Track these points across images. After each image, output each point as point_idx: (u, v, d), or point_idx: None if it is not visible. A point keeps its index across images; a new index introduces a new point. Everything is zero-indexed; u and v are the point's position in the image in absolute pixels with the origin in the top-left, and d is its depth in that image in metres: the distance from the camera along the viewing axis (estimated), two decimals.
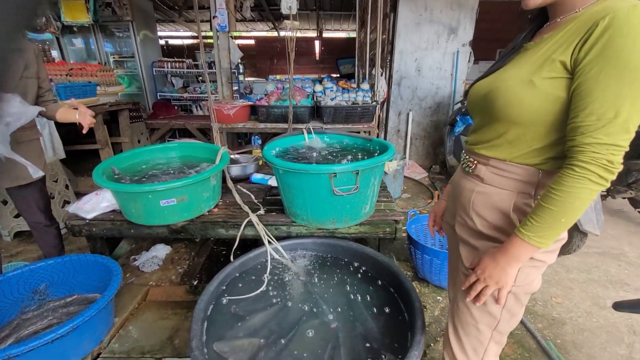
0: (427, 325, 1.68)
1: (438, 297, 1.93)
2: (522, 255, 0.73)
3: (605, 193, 2.74)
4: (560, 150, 0.72)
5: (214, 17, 3.54)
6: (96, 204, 1.72)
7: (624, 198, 2.72)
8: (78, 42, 5.37)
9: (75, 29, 5.04)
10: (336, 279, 1.39)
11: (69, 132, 4.04)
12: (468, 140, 0.92)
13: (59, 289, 1.61)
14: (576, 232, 2.14)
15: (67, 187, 2.72)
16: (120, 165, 1.84)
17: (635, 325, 1.74)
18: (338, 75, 7.44)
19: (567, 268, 2.25)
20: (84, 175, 3.37)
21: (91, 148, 3.21)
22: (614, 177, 0.63)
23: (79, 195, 2.78)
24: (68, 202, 2.68)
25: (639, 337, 1.67)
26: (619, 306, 1.23)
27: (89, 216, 1.68)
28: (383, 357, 1.03)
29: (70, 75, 3.09)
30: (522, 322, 1.72)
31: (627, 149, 0.62)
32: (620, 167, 0.63)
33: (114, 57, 5.41)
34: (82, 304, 1.59)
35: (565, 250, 2.28)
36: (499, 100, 0.76)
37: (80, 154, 3.37)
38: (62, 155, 2.70)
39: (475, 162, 0.86)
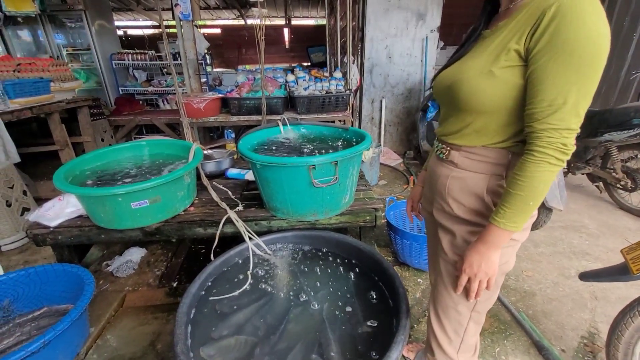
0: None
1: (419, 280, 1.99)
2: (500, 241, 0.76)
3: (567, 170, 2.92)
4: None
5: (175, 4, 3.35)
6: (60, 210, 1.61)
7: (582, 174, 2.91)
8: (24, 34, 4.91)
9: (20, 19, 4.60)
10: (320, 270, 1.39)
11: (21, 132, 3.74)
12: (438, 131, 0.95)
13: (25, 303, 1.50)
14: (542, 209, 2.27)
15: (25, 193, 2.52)
16: (85, 167, 1.72)
17: (597, 292, 1.88)
18: (309, 63, 7.34)
19: (535, 243, 2.39)
20: (43, 179, 3.13)
21: (49, 149, 2.98)
22: (568, 158, 0.68)
23: (39, 201, 2.60)
24: (28, 210, 2.49)
25: (600, 302, 1.82)
26: (584, 276, 1.33)
27: (53, 224, 1.57)
28: (371, 341, 1.05)
29: (18, 71, 2.82)
30: (498, 298, 1.81)
31: (579, 131, 0.67)
32: (574, 148, 0.68)
33: (67, 50, 5.00)
34: (53, 317, 1.50)
35: (533, 226, 2.41)
36: (461, 91, 0.78)
37: (37, 157, 3.13)
38: (17, 159, 2.48)
39: (449, 148, 0.88)
